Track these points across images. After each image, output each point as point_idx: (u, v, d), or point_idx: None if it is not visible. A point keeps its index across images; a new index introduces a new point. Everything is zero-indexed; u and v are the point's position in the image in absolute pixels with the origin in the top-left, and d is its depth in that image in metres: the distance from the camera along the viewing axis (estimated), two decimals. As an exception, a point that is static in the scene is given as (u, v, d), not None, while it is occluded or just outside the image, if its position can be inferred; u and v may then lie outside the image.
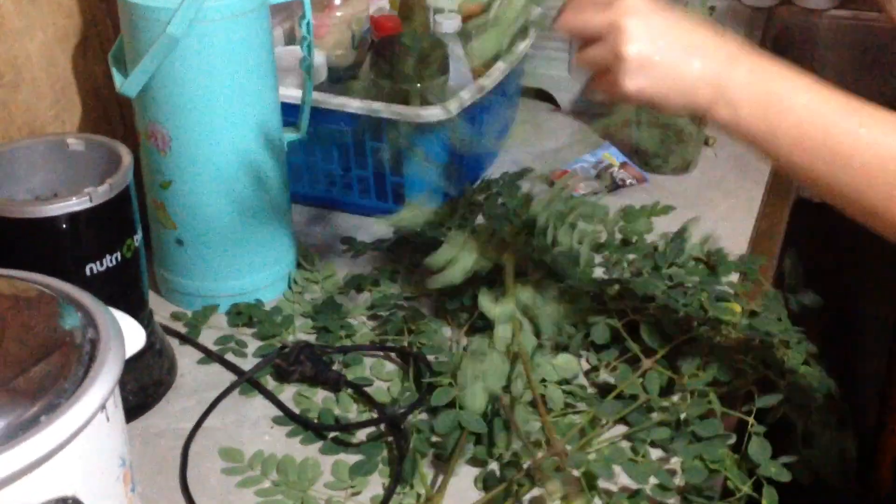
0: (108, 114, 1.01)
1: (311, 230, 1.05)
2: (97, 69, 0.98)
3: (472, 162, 1.10)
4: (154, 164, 0.88)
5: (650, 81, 0.61)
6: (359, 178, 1.06)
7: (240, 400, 0.82)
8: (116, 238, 0.76)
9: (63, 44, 0.94)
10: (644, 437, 0.75)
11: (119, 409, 0.62)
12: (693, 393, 0.78)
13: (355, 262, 1.00)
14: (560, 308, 0.82)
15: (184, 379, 0.85)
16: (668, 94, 0.61)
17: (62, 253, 0.73)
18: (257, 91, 0.87)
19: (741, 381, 0.79)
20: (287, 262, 0.96)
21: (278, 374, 0.84)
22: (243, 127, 0.87)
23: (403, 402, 0.79)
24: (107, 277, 0.75)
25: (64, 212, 0.72)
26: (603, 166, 1.15)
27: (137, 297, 0.80)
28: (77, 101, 0.97)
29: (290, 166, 0.97)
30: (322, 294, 0.94)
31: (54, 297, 0.63)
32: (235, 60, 0.84)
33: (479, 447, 0.75)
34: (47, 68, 0.92)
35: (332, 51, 1.14)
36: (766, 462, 0.72)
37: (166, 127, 0.85)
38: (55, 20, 0.93)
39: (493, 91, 1.06)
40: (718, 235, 0.99)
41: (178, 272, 0.92)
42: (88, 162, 0.80)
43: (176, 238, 0.90)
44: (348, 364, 0.84)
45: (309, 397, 0.82)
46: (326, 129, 1.02)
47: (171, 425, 0.80)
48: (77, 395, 0.56)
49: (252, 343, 0.88)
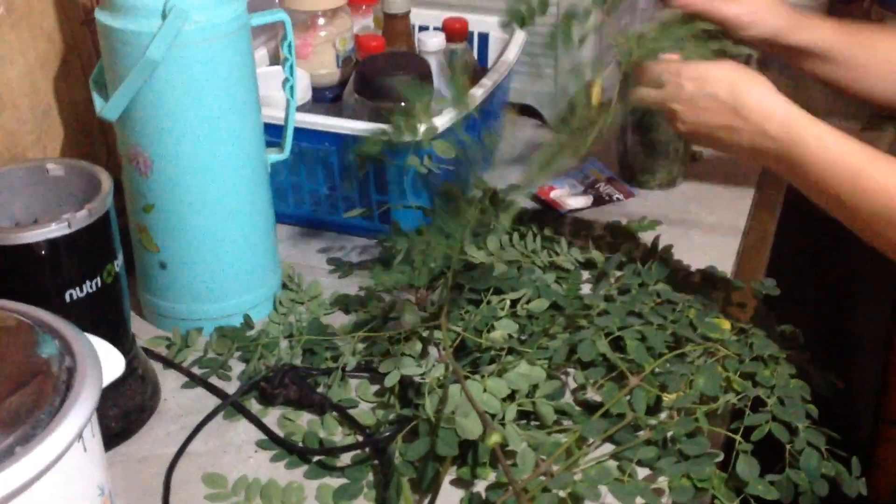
0: (90, 138, 1.00)
1: (297, 250, 1.05)
2: (79, 93, 0.98)
3: (457, 179, 1.10)
4: (136, 187, 0.87)
5: (699, 142, 0.85)
6: (344, 198, 1.05)
7: (224, 424, 0.82)
8: (96, 264, 0.75)
9: (44, 69, 0.94)
10: (631, 456, 0.74)
11: (97, 437, 0.61)
12: (680, 411, 0.78)
13: (341, 282, 1.00)
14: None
15: (167, 404, 0.84)
16: (715, 149, 0.84)
17: (41, 279, 0.73)
18: (239, 113, 0.87)
19: (729, 398, 0.79)
20: (272, 283, 0.95)
21: (263, 397, 0.83)
22: (226, 149, 0.86)
23: (389, 424, 0.79)
24: (87, 303, 0.75)
25: (42, 238, 0.71)
26: (589, 181, 1.15)
27: (119, 322, 0.80)
28: (59, 125, 0.96)
29: (275, 186, 0.97)
30: (308, 315, 0.94)
31: (31, 325, 0.62)
32: (216, 83, 0.84)
33: (462, 469, 0.74)
34: (28, 93, 0.92)
35: (317, 70, 1.14)
36: (754, 480, 0.71)
37: (148, 150, 0.85)
38: (36, 45, 0.93)
39: (478, 108, 1.06)
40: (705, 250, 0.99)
41: (161, 295, 0.92)
42: (69, 187, 0.79)
43: (159, 261, 0.89)
44: (333, 384, 0.83)
45: (294, 420, 0.81)
46: (311, 149, 1.02)
47: (153, 451, 0.79)
48: (53, 425, 0.55)
49: (237, 366, 0.88)
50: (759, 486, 0.71)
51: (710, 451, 0.74)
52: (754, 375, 0.81)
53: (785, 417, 0.75)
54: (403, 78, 1.03)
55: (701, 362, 0.82)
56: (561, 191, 1.14)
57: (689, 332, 0.85)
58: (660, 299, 0.91)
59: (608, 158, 1.18)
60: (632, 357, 0.81)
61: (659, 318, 0.86)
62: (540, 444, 0.75)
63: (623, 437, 0.76)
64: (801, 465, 0.72)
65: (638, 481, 0.72)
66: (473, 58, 1.21)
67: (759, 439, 0.74)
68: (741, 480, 0.72)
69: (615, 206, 1.11)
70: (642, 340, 0.83)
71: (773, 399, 0.78)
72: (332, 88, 1.15)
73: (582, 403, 0.81)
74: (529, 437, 0.75)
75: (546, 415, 0.77)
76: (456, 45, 1.16)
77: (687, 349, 0.83)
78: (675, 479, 0.72)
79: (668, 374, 0.80)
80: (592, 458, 0.75)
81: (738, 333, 0.86)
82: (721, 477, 0.72)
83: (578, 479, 0.72)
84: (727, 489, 0.72)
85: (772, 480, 0.72)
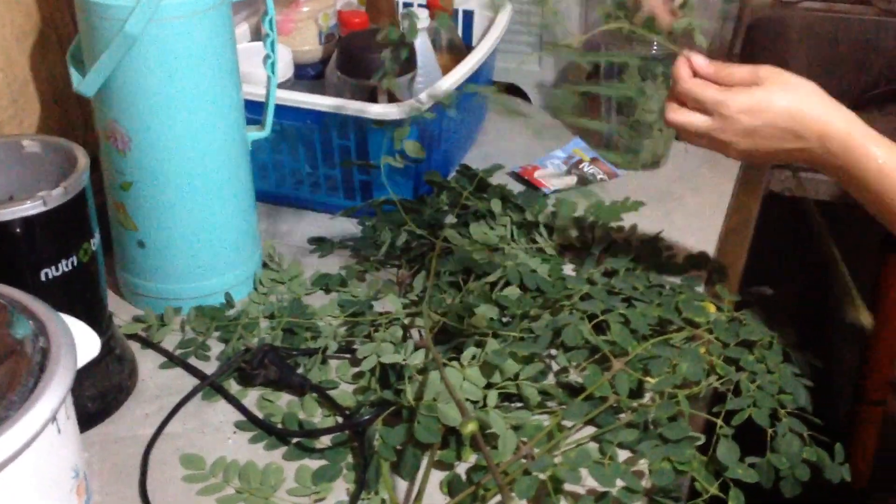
0: (68, 114, 0.99)
1: (278, 229, 1.04)
2: (56, 68, 0.96)
3: (441, 158, 1.09)
4: (114, 164, 0.86)
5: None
6: (326, 177, 1.04)
7: (202, 405, 0.81)
8: (72, 242, 0.74)
9: (21, 43, 0.92)
10: (612, 439, 0.74)
11: (72, 419, 0.61)
12: (662, 395, 0.77)
13: (323, 261, 0.99)
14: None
15: (145, 384, 0.83)
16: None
17: (16, 258, 0.72)
18: (219, 89, 0.85)
19: (711, 381, 0.79)
20: (252, 262, 0.94)
21: (242, 378, 0.83)
22: (205, 125, 0.85)
23: (370, 406, 0.78)
24: (63, 282, 0.73)
25: (17, 216, 0.70)
26: (573, 162, 1.14)
27: (96, 301, 0.79)
28: (35, 100, 0.95)
29: (257, 164, 0.95)
30: (288, 295, 0.93)
31: (5, 305, 0.61)
32: (195, 58, 0.82)
33: (445, 451, 0.74)
34: (4, 67, 0.90)
35: (299, 47, 1.12)
36: (734, 464, 0.71)
37: (125, 126, 0.83)
38: (13, 18, 0.91)
39: (461, 87, 1.04)
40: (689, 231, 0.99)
41: (139, 275, 0.90)
42: (45, 164, 0.78)
43: (137, 240, 0.88)
44: (312, 367, 0.83)
45: (273, 401, 0.81)
46: (293, 126, 1.01)
47: (131, 432, 0.78)
48: (26, 407, 0.55)
49: (216, 346, 0.87)
50: (740, 469, 0.71)
51: (690, 435, 0.74)
52: (738, 360, 0.81)
53: (766, 403, 0.75)
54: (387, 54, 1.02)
55: (685, 346, 0.81)
56: (545, 171, 1.13)
57: (674, 316, 0.85)
58: (644, 283, 0.90)
59: (594, 139, 1.17)
60: (615, 340, 0.81)
61: (643, 302, 0.86)
62: (522, 425, 0.75)
63: (605, 419, 0.76)
64: (782, 450, 0.72)
65: (618, 464, 0.72)
66: (458, 35, 1.20)
67: (743, 424, 0.74)
68: (721, 464, 0.72)
69: (598, 187, 1.11)
70: (626, 324, 0.83)
71: (755, 385, 0.77)
72: (314, 65, 1.14)
73: (565, 386, 0.81)
74: (512, 418, 0.75)
75: (530, 397, 0.77)
76: (440, 21, 1.15)
77: (671, 333, 0.83)
78: (656, 462, 0.72)
79: (652, 358, 0.80)
80: (573, 441, 0.75)
81: (723, 316, 0.86)
82: (701, 460, 0.72)
83: (559, 462, 0.71)
84: (707, 472, 0.72)
85: (752, 464, 0.72)
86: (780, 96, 0.76)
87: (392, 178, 0.99)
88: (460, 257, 0.93)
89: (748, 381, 0.78)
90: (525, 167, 1.13)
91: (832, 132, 0.75)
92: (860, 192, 0.76)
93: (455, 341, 0.82)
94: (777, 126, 0.76)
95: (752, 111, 0.76)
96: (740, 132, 0.77)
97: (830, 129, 0.75)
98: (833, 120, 0.75)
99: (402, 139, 0.95)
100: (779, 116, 0.76)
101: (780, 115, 0.76)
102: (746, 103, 0.77)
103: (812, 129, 0.75)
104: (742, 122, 0.77)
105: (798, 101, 0.76)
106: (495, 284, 0.90)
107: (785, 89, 0.76)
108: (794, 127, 0.76)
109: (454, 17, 1.20)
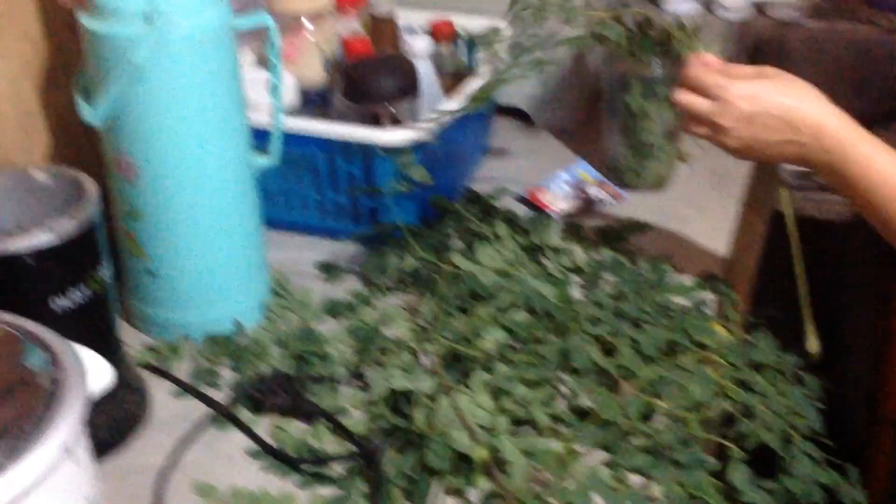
0: (77, 143, 0.99)
1: (286, 256, 1.04)
2: (64, 98, 0.96)
3: (446, 182, 1.09)
4: (122, 193, 0.86)
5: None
6: (333, 202, 1.05)
7: (215, 433, 0.81)
8: (83, 272, 0.74)
9: (29, 73, 0.93)
10: (624, 464, 0.74)
11: (85, 448, 0.60)
12: (674, 418, 0.77)
13: (331, 287, 0.99)
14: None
15: (157, 413, 0.83)
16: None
17: (27, 288, 0.72)
18: (225, 117, 0.86)
19: (722, 405, 0.78)
20: (261, 289, 0.94)
21: (253, 405, 0.83)
22: (211, 154, 0.86)
23: (381, 433, 0.78)
24: (74, 312, 0.74)
25: (27, 246, 0.70)
26: (579, 184, 1.15)
27: (107, 330, 0.79)
28: (44, 130, 0.95)
29: (264, 191, 0.96)
30: (298, 321, 0.93)
31: (17, 335, 0.61)
32: (201, 87, 0.83)
33: (457, 477, 0.74)
34: (12, 98, 0.91)
35: (303, 74, 1.13)
36: (747, 488, 0.71)
37: (133, 156, 0.84)
38: (21, 49, 0.92)
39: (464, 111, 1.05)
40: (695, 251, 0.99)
41: (150, 303, 0.91)
42: (54, 194, 0.78)
43: (147, 268, 0.88)
44: (323, 394, 0.83)
45: (284, 429, 0.80)
46: (299, 153, 1.01)
47: (144, 461, 0.78)
48: (39, 437, 0.54)
49: (227, 374, 0.87)
50: (754, 493, 0.71)
51: (703, 459, 0.73)
52: (748, 382, 0.80)
53: (778, 426, 0.75)
54: (390, 80, 1.02)
55: (695, 369, 0.81)
56: (550, 194, 1.13)
57: (683, 338, 0.85)
58: (652, 305, 0.90)
59: (597, 161, 1.17)
60: (624, 363, 0.81)
61: (651, 324, 0.86)
62: (533, 450, 0.74)
63: (616, 444, 0.76)
64: (796, 473, 0.72)
65: (631, 489, 0.72)
66: (461, 59, 1.20)
67: (756, 447, 0.74)
68: (734, 488, 0.71)
69: (605, 209, 1.11)
70: (635, 346, 0.83)
71: (766, 407, 0.77)
72: (319, 92, 1.15)
73: (575, 409, 0.81)
74: (523, 443, 0.74)
75: (540, 421, 0.77)
76: (443, 46, 1.15)
77: (680, 355, 0.83)
78: (669, 487, 0.72)
79: (662, 381, 0.80)
80: (585, 466, 0.75)
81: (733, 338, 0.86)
82: (715, 484, 0.72)
83: (571, 487, 0.71)
84: (720, 496, 0.71)
85: (766, 488, 0.72)
86: (779, 89, 0.80)
87: (399, 202, 1.00)
88: (468, 281, 0.93)
89: (759, 404, 0.78)
90: (531, 190, 1.14)
91: (826, 128, 0.78)
92: (849, 193, 0.79)
93: (464, 366, 0.82)
94: (773, 115, 0.79)
95: (751, 98, 0.80)
96: (738, 118, 0.80)
97: (825, 126, 0.78)
98: (828, 117, 0.79)
99: (408, 164, 0.95)
100: (776, 107, 0.79)
101: (778, 106, 0.79)
102: (746, 90, 0.80)
103: (807, 123, 0.78)
104: (740, 107, 0.80)
105: (796, 96, 0.80)
106: (503, 308, 0.90)
107: (785, 84, 0.81)
108: (791, 119, 0.79)
109: (456, 41, 1.21)
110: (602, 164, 1.17)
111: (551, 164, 1.20)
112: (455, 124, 1.04)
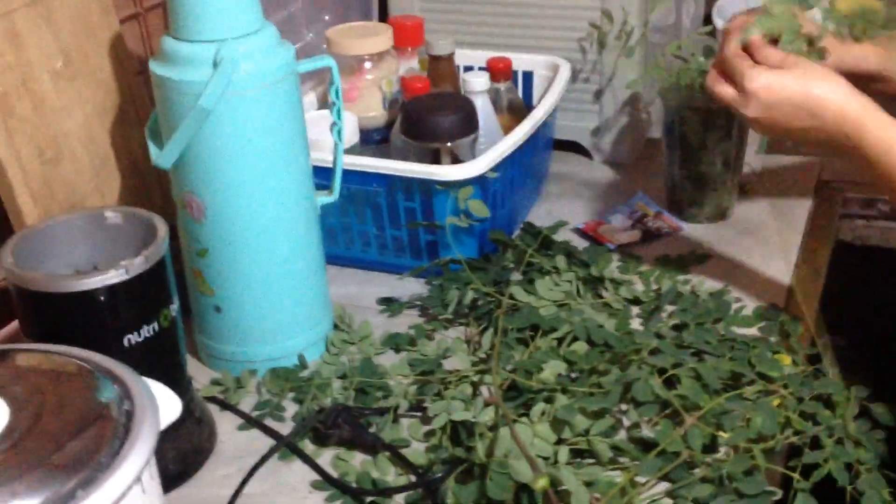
0: (147, 185, 1.03)
1: (347, 291, 1.06)
2: (135, 142, 1.00)
3: (505, 216, 1.11)
4: (191, 232, 0.89)
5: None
6: (393, 238, 1.06)
7: (279, 465, 0.83)
8: (153, 308, 0.77)
9: (102, 119, 0.97)
10: (686, 495, 0.73)
11: (155, 479, 0.62)
12: (737, 449, 0.77)
13: (392, 321, 1.00)
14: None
15: (224, 445, 0.85)
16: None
17: (100, 325, 0.74)
18: (289, 157, 0.88)
19: (787, 436, 0.77)
20: (324, 324, 0.96)
21: (316, 437, 0.84)
22: (276, 193, 0.88)
23: (442, 464, 0.79)
24: (145, 347, 0.76)
25: (101, 285, 0.73)
26: (637, 216, 1.15)
27: (176, 365, 0.81)
28: (116, 173, 0.99)
29: (325, 228, 0.98)
30: (359, 355, 0.94)
31: (91, 370, 0.64)
32: (266, 129, 0.85)
33: (519, 510, 0.74)
34: (86, 143, 0.95)
35: (364, 113, 1.15)
36: (813, 519, 0.70)
37: (201, 196, 0.87)
38: (93, 96, 0.96)
39: (523, 146, 1.06)
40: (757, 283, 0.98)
41: (216, 338, 0.93)
42: (126, 234, 0.81)
43: (214, 305, 0.91)
44: (384, 426, 0.84)
45: (347, 461, 0.82)
46: (360, 190, 1.03)
47: (211, 492, 0.80)
48: (112, 468, 0.56)
49: (291, 407, 0.89)
50: (819, 525, 0.70)
51: (767, 490, 0.73)
52: (814, 415, 0.79)
53: (844, 458, 0.74)
54: (449, 118, 1.04)
55: (759, 400, 0.81)
56: (608, 226, 1.13)
57: (747, 370, 0.84)
58: (714, 336, 0.90)
59: (656, 193, 1.18)
60: (686, 394, 0.81)
61: (714, 356, 0.85)
62: (594, 481, 0.74)
63: (678, 475, 0.75)
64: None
65: (694, 519, 0.71)
66: (518, 96, 1.22)
67: (821, 481, 0.73)
68: (800, 519, 0.71)
69: (664, 241, 1.11)
70: (697, 378, 0.82)
71: (832, 439, 0.76)
72: (379, 130, 1.17)
73: (637, 441, 0.81)
74: (584, 474, 0.75)
75: (601, 452, 0.77)
76: (500, 84, 1.17)
77: (744, 387, 0.82)
78: (733, 517, 0.71)
79: (725, 413, 0.79)
80: (647, 497, 0.75)
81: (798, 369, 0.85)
82: (779, 515, 0.71)
83: (634, 519, 0.71)
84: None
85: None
86: (798, 78, 0.82)
87: (457, 237, 1.01)
88: (527, 314, 0.93)
89: (825, 436, 0.77)
90: (588, 223, 1.14)
91: (848, 113, 0.80)
92: (874, 175, 0.80)
93: (524, 397, 0.82)
94: (793, 103, 0.81)
95: (770, 88, 0.82)
96: (759, 108, 0.83)
97: (846, 111, 0.80)
98: (849, 102, 0.80)
99: (467, 199, 0.97)
100: (795, 94, 0.81)
101: (796, 94, 0.81)
102: (766, 80, 0.82)
103: (828, 108, 0.80)
104: (760, 97, 0.82)
105: (817, 84, 0.81)
106: (563, 340, 0.91)
107: (805, 72, 0.82)
108: (811, 106, 0.81)
109: (514, 78, 1.22)
110: (661, 197, 1.17)
111: (610, 198, 1.20)
112: (513, 159, 1.05)
